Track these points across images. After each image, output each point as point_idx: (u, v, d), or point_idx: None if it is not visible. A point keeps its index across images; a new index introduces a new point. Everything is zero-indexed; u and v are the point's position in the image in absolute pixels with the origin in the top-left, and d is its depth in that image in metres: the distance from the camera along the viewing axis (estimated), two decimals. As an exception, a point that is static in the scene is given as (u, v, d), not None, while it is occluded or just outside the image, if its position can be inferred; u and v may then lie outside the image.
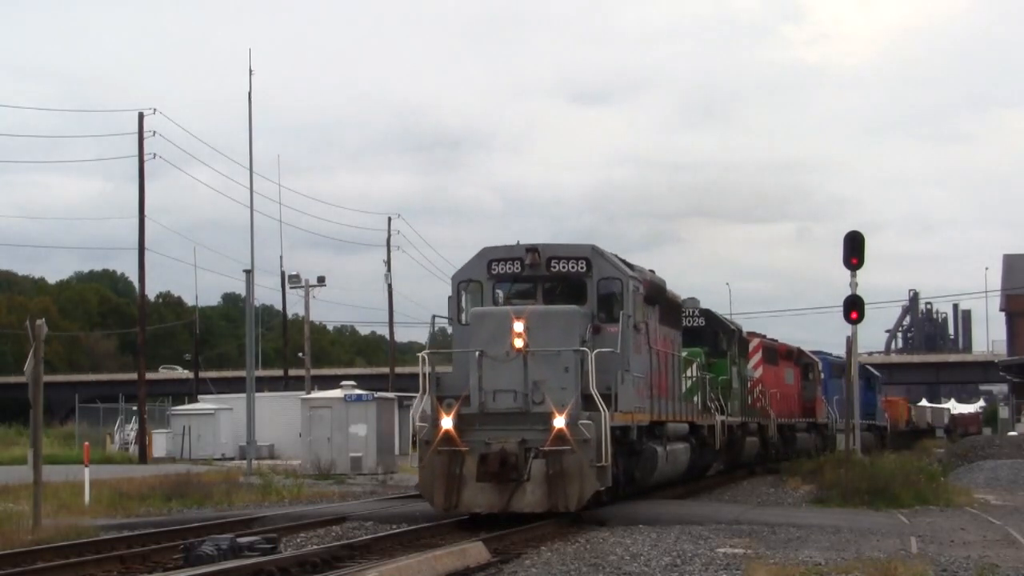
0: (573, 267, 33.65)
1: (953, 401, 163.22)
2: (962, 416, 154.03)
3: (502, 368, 31.60)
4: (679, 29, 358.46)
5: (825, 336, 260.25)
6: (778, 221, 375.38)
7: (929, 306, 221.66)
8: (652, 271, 40.28)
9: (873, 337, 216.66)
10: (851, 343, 46.38)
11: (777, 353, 64.50)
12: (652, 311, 38.47)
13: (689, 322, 49.77)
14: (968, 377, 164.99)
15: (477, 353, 31.89)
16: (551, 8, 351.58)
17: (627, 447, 34.19)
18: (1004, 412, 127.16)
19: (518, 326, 31.46)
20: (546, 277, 33.67)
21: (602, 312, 33.41)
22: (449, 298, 34.22)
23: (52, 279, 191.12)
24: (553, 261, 33.63)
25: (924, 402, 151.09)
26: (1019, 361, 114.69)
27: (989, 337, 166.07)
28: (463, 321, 33.45)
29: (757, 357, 60.16)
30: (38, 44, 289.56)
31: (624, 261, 35.24)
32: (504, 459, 30.59)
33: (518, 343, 31.42)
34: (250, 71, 64.70)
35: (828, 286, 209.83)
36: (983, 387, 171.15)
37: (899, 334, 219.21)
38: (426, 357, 31.91)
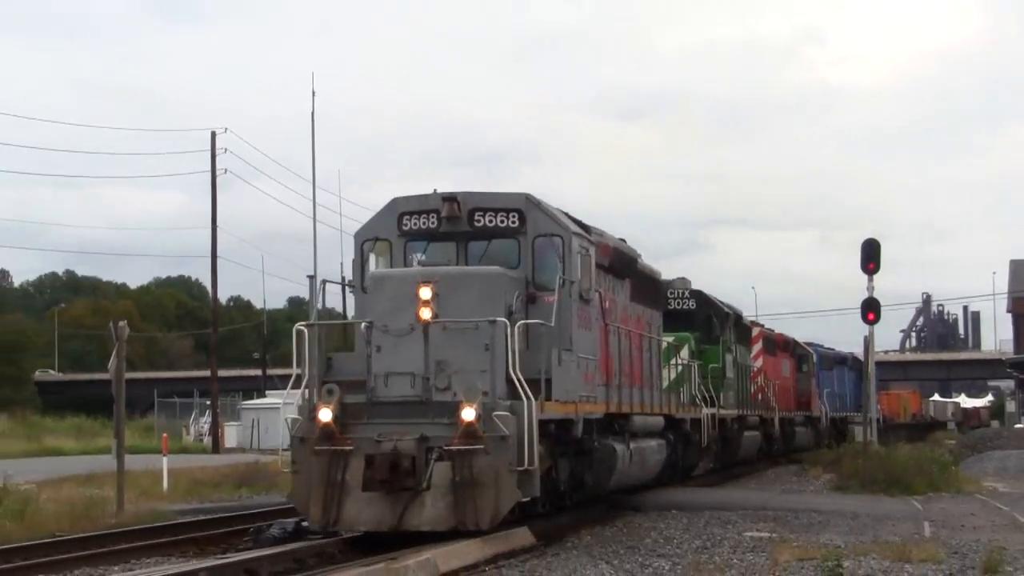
0: (502, 221, 23.76)
1: (963, 396, 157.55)
2: (973, 410, 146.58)
3: (401, 345, 21.91)
4: (712, 51, 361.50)
5: (844, 336, 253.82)
6: (802, 229, 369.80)
7: (941, 308, 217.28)
8: (623, 240, 30.45)
9: (889, 337, 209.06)
10: (868, 342, 45.56)
11: (775, 344, 54.52)
12: (619, 285, 28.70)
13: (678, 304, 39.94)
14: (977, 374, 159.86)
15: (364, 325, 22.25)
16: (592, 31, 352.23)
17: (572, 446, 24.38)
18: (1011, 406, 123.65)
19: (425, 292, 21.74)
20: (469, 233, 23.85)
21: (541, 278, 23.66)
22: (353, 261, 24.49)
23: (133, 285, 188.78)
24: (477, 214, 23.75)
25: (936, 397, 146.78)
26: None
27: (997, 337, 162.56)
28: (366, 289, 23.63)
29: (758, 347, 50.53)
30: (121, 68, 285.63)
31: (577, 221, 25.37)
32: (396, 462, 20.83)
33: (425, 313, 21.71)
34: (313, 93, 63.96)
35: (847, 289, 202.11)
36: (991, 383, 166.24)
37: (913, 334, 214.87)
38: (304, 331, 22.16)
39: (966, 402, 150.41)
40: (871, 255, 45.63)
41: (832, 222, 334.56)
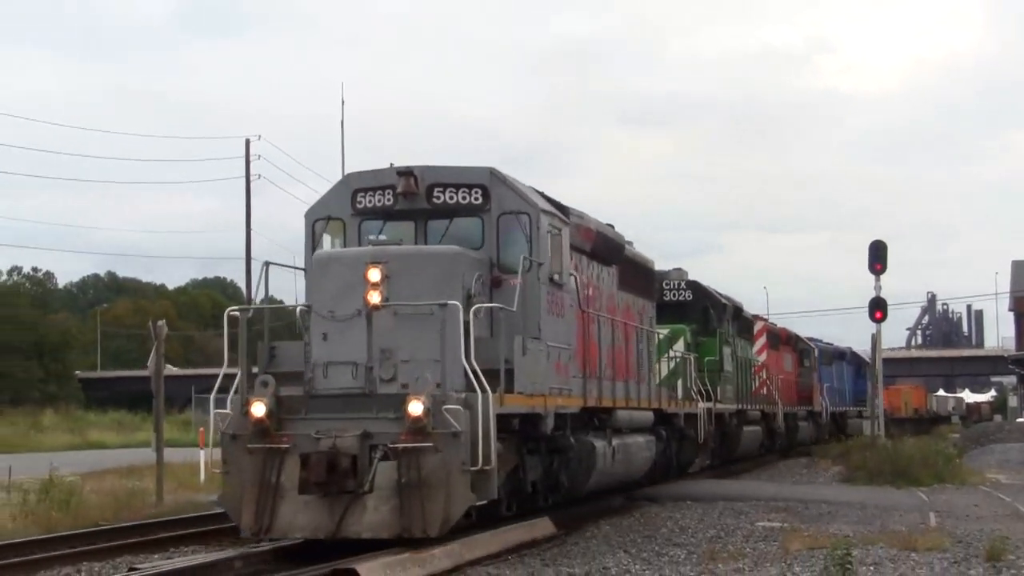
0: (464, 197, 20.32)
1: (967, 391, 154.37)
2: (975, 405, 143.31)
3: (348, 332, 18.59)
4: (724, 59, 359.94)
5: (853, 334, 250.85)
6: (813, 231, 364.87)
7: (945, 307, 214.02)
8: (611, 225, 27.10)
9: (895, 334, 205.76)
10: (876, 340, 45.07)
11: (779, 338, 51.00)
12: (604, 272, 25.49)
13: (674, 295, 36.53)
14: (980, 370, 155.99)
15: (300, 311, 19.00)
16: (609, 41, 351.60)
17: (544, 443, 21.02)
18: (1013, 401, 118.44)
19: (374, 274, 18.42)
20: (428, 211, 20.37)
21: (507, 259, 20.21)
22: (306, 244, 21.08)
23: (171, 286, 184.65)
24: (437, 190, 20.30)
25: (941, 392, 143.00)
26: None
27: (999, 334, 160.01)
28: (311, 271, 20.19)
29: (762, 341, 47.11)
30: (159, 78, 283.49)
31: (554, 201, 22.04)
32: (334, 461, 17.42)
33: (373, 297, 18.37)
34: (342, 101, 61.90)
35: (856, 289, 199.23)
36: (994, 379, 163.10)
37: (919, 331, 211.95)
38: (237, 316, 18.82)
39: (969, 397, 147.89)
40: (878, 256, 44.21)
41: (842, 224, 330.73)
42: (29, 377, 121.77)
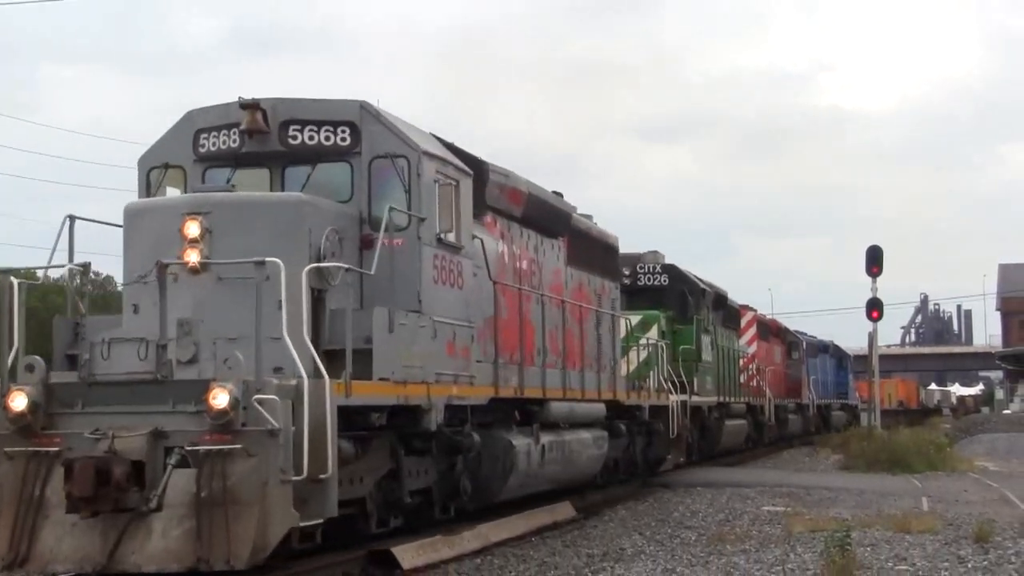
0: (328, 137, 14.12)
1: (957, 385, 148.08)
2: (960, 398, 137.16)
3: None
4: (735, 77, 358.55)
5: (850, 331, 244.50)
6: (815, 236, 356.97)
7: (937, 307, 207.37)
8: (558, 193, 21.13)
9: (890, 332, 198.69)
10: (872, 337, 42.92)
11: (768, 329, 44.62)
12: (544, 244, 19.55)
13: (648, 280, 30.24)
14: (970, 366, 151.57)
15: (67, 272, 13.08)
16: (628, 60, 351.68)
17: (431, 441, 14.94)
18: (1000, 394, 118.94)
19: (192, 228, 12.51)
20: (286, 155, 14.19)
21: (381, 213, 13.88)
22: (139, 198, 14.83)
23: None
24: (293, 128, 14.08)
25: (933, 386, 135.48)
26: (1012, 352, 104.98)
27: (987, 332, 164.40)
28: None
29: (752, 332, 40.74)
30: (212, 95, 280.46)
31: (449, 145, 15.97)
32: (105, 469, 11.21)
33: (191, 257, 12.44)
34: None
35: (854, 290, 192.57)
36: (982, 374, 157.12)
37: (912, 330, 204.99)
38: (15, 284, 12.69)
39: (960, 391, 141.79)
40: (875, 260, 40.55)
41: (842, 230, 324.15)
42: None
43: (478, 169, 16.81)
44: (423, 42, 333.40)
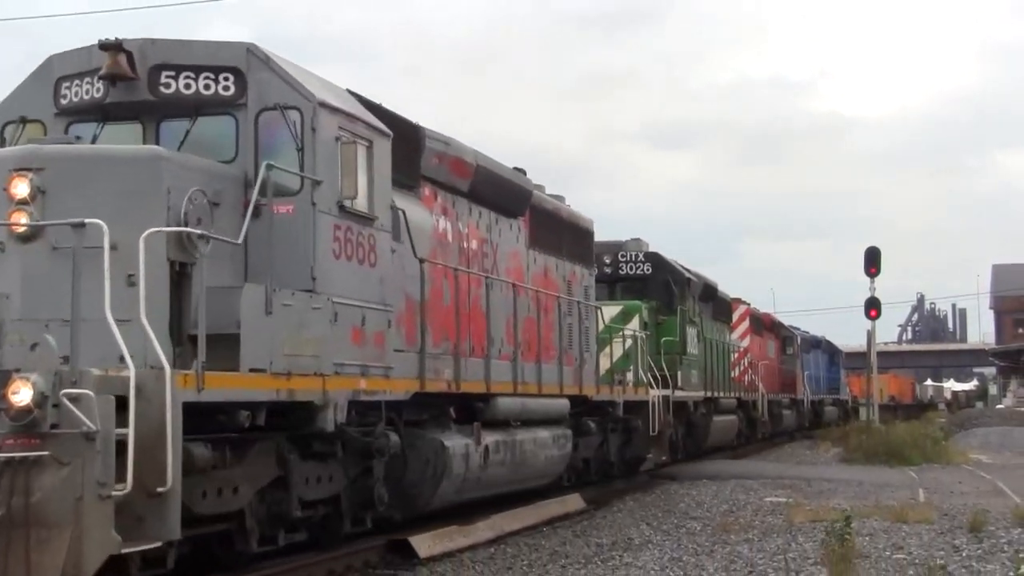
0: (208, 86, 11.06)
1: (952, 381, 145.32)
2: (953, 394, 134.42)
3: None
4: (740, 86, 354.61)
5: (849, 330, 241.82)
6: (816, 238, 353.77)
7: (933, 306, 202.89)
8: (521, 170, 18.23)
9: (888, 330, 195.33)
10: (871, 335, 41.92)
11: (762, 323, 41.46)
12: (500, 222, 16.67)
13: (631, 269, 27.05)
14: (964, 362, 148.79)
15: None
16: (636, 70, 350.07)
17: (346, 445, 11.90)
18: (993, 390, 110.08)
19: (20, 187, 9.56)
20: (159, 107, 11.17)
21: (274, 172, 10.97)
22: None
23: None
24: (166, 75, 11.03)
25: (929, 381, 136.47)
26: (1005, 349, 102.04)
27: (981, 330, 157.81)
28: None
29: (745, 325, 37.59)
30: None
31: (362, 99, 12.92)
32: None
33: (20, 219, 9.49)
34: None
35: (853, 289, 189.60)
36: (976, 370, 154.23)
37: (909, 328, 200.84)
38: None
39: (955, 386, 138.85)
40: (873, 261, 39.43)
41: (842, 232, 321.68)
42: None
43: (411, 134, 13.87)
44: (439, 52, 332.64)
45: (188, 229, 9.77)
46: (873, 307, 39.53)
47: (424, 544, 13.33)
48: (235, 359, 9.75)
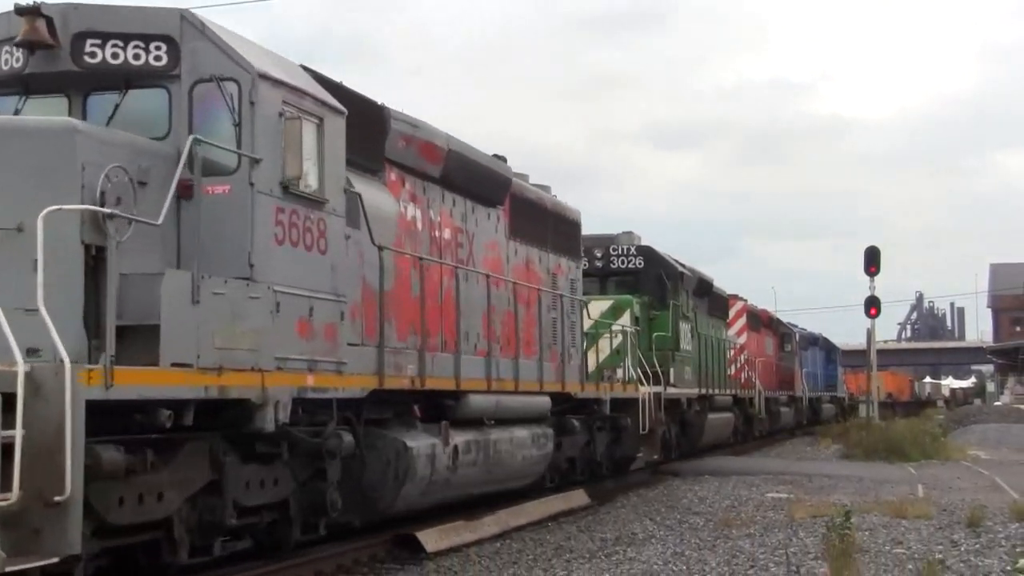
0: (137, 55, 9.78)
1: (951, 378, 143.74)
2: (951, 391, 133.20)
3: None
4: (742, 88, 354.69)
5: (849, 328, 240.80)
6: (817, 238, 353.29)
7: (931, 304, 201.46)
8: (502, 157, 17.09)
9: (888, 328, 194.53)
10: (871, 333, 41.32)
11: (760, 320, 40.14)
12: (476, 211, 15.50)
13: (623, 263, 25.77)
14: (962, 360, 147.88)
15: None
16: (640, 73, 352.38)
17: (294, 446, 10.63)
18: (991, 387, 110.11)
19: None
20: (83, 78, 9.88)
21: (205, 152, 9.77)
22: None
23: None
24: (91, 43, 9.75)
25: (928, 379, 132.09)
26: (1002, 347, 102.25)
27: (978, 328, 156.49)
28: None
29: (742, 322, 36.32)
30: None
31: (314, 73, 11.64)
32: None
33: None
34: None
35: (853, 288, 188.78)
36: (974, 367, 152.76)
37: (908, 326, 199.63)
38: None
39: (953, 384, 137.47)
40: (872, 260, 38.80)
41: (842, 232, 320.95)
42: None
43: (373, 115, 12.68)
44: (446, 55, 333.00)
45: (95, 208, 8.55)
46: (873, 306, 38.99)
47: (431, 539, 13.14)
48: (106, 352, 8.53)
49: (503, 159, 17.03)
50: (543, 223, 18.15)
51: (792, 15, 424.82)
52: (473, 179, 15.22)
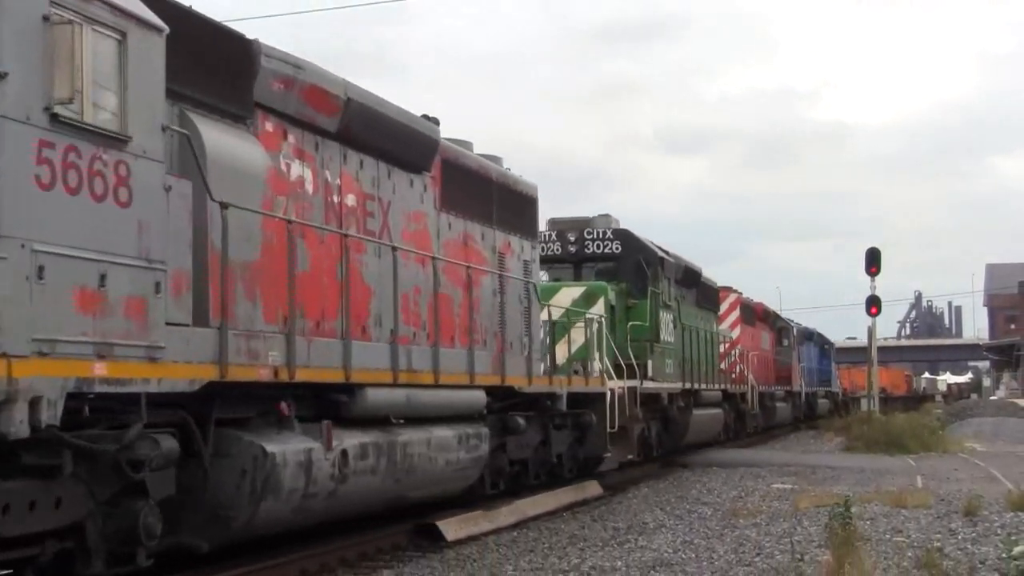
0: None
1: (948, 374, 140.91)
2: (947, 387, 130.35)
3: None
4: (749, 95, 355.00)
5: (850, 325, 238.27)
6: (819, 239, 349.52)
7: (930, 303, 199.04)
8: (434, 119, 14.00)
9: (887, 327, 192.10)
10: (871, 331, 40.33)
11: (755, 313, 36.93)
12: (393, 175, 12.46)
13: (598, 247, 22.60)
14: (959, 356, 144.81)
15: None
16: (651, 81, 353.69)
17: (86, 456, 7.62)
18: (987, 382, 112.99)
19: None
20: None
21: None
22: None
23: None
24: None
25: (926, 375, 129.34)
26: (997, 344, 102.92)
27: (975, 326, 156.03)
28: None
29: (734, 315, 33.24)
30: None
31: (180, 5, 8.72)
32: None
33: None
34: None
35: (854, 287, 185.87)
36: (971, 363, 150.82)
37: (907, 324, 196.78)
38: None
39: (951, 379, 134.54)
40: (873, 260, 37.66)
41: (844, 233, 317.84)
42: None
43: (234, 48, 9.67)
44: (467, 65, 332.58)
45: None
46: (874, 304, 37.70)
47: (451, 528, 13.04)
48: None
49: (435, 121, 13.99)
50: (486, 195, 15.12)
51: (797, 26, 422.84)
52: (386, 137, 12.19)
